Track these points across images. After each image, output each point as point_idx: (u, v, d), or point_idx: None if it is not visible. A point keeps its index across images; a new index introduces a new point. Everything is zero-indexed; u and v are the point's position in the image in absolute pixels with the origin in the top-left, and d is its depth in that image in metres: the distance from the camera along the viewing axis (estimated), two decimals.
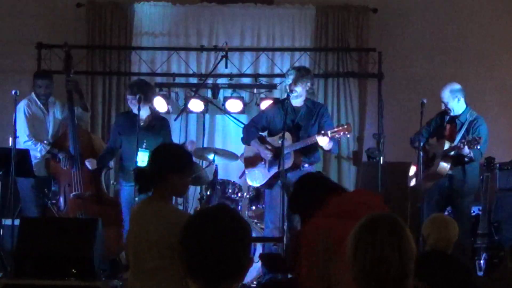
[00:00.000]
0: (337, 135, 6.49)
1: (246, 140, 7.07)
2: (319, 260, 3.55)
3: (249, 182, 7.23)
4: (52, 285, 5.77)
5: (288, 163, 6.62)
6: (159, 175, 3.66)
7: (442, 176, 6.95)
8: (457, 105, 7.11)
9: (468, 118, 7.11)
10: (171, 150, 3.96)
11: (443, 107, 7.19)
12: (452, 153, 6.93)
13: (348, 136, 6.70)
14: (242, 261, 2.11)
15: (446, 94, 7.11)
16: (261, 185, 7.05)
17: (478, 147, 6.73)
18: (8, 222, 6.88)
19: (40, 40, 8.84)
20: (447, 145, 6.99)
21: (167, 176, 3.66)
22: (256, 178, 6.99)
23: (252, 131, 7.01)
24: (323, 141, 6.50)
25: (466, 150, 6.76)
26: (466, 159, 6.91)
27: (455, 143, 6.98)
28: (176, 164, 3.72)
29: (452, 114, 7.10)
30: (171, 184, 3.67)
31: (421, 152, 7.18)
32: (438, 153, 7.00)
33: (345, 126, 6.52)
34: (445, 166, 6.95)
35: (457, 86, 7.15)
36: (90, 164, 7.18)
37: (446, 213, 6.95)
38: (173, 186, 3.70)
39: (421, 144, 7.22)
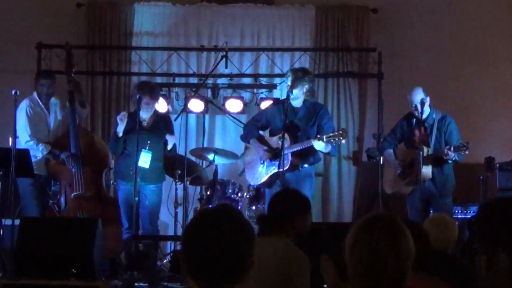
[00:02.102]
0: (332, 140, 6.47)
1: (245, 138, 7.08)
2: None
3: (248, 180, 7.24)
4: (52, 285, 5.77)
5: (285, 164, 6.61)
6: (285, 217, 3.83)
7: (424, 181, 6.94)
8: (427, 106, 7.08)
9: (435, 118, 7.10)
10: (293, 194, 4.16)
11: (415, 111, 7.08)
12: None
13: (343, 141, 6.65)
14: (244, 262, 2.11)
15: (420, 96, 7.04)
16: (259, 184, 7.05)
17: (467, 152, 6.72)
18: (8, 222, 6.88)
19: (40, 40, 8.84)
20: (425, 150, 6.96)
21: (293, 218, 3.83)
22: (255, 177, 7.00)
23: (252, 130, 7.02)
24: (319, 145, 6.50)
25: (451, 155, 6.76)
26: (449, 161, 6.92)
27: (431, 146, 6.99)
28: (299, 206, 3.92)
29: (421, 117, 7.02)
30: (295, 225, 3.83)
31: (394, 158, 7.23)
32: (418, 159, 6.92)
33: (340, 132, 6.49)
34: (427, 171, 6.94)
35: (421, 89, 7.14)
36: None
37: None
38: (297, 227, 3.84)
39: (391, 150, 7.29)
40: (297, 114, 6.81)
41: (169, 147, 7.16)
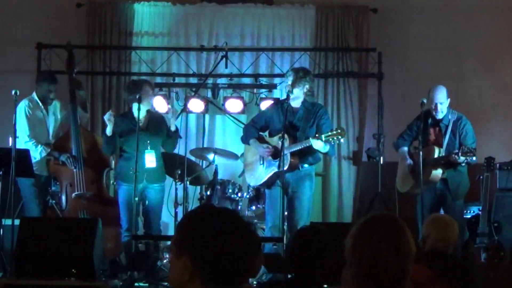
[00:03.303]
0: (330, 139, 6.42)
1: (245, 139, 7.07)
2: None
3: (248, 181, 7.22)
4: (52, 285, 5.77)
5: (284, 165, 6.59)
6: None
7: (435, 182, 6.95)
8: (446, 107, 7.08)
9: (450, 119, 7.10)
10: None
11: (437, 106, 7.07)
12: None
13: (342, 140, 6.60)
14: (256, 262, 2.11)
15: (443, 95, 7.07)
16: (259, 185, 7.05)
17: (474, 158, 6.73)
18: (8, 222, 6.88)
19: (40, 40, 8.84)
20: (436, 151, 6.97)
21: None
22: (254, 177, 6.99)
23: (251, 131, 7.01)
24: (318, 145, 6.47)
25: (461, 159, 6.77)
26: (462, 164, 6.92)
27: (444, 147, 7.00)
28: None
29: (438, 117, 7.04)
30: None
31: (407, 156, 7.21)
32: (428, 160, 6.94)
33: (339, 131, 6.44)
34: (438, 173, 6.95)
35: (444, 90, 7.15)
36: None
37: None
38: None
39: (406, 148, 7.29)
40: (296, 114, 6.79)
41: (173, 128, 7.12)
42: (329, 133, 6.44)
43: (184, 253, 2.04)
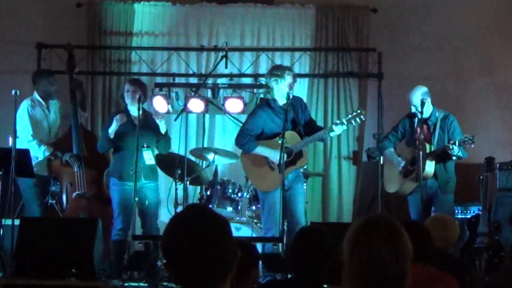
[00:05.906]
0: (353, 121, 6.63)
1: (248, 148, 6.82)
2: None
3: (260, 189, 6.93)
4: (52, 285, 5.77)
5: (305, 159, 6.75)
6: (243, 272, 3.44)
7: (427, 179, 6.90)
8: (426, 107, 7.05)
9: (438, 117, 7.09)
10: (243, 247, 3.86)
11: (413, 110, 7.07)
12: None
13: (363, 119, 6.81)
14: (224, 260, 2.11)
15: (417, 98, 7.01)
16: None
17: (472, 146, 6.71)
18: (8, 222, 6.88)
19: (40, 40, 8.85)
20: (427, 148, 6.94)
21: (251, 271, 3.67)
22: (269, 184, 6.74)
23: (251, 138, 6.80)
24: (340, 129, 6.61)
25: (455, 150, 6.74)
26: (454, 158, 6.89)
27: (434, 144, 6.97)
28: (256, 258, 3.76)
29: (421, 117, 7.00)
30: (253, 278, 3.70)
31: (397, 157, 7.19)
32: (418, 159, 6.88)
33: (359, 111, 6.65)
34: (430, 170, 6.91)
35: (425, 88, 7.08)
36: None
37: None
38: (253, 280, 3.73)
39: (392, 149, 7.26)
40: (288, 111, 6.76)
41: (163, 131, 7.09)
42: (349, 116, 6.63)
43: (163, 256, 2.14)
